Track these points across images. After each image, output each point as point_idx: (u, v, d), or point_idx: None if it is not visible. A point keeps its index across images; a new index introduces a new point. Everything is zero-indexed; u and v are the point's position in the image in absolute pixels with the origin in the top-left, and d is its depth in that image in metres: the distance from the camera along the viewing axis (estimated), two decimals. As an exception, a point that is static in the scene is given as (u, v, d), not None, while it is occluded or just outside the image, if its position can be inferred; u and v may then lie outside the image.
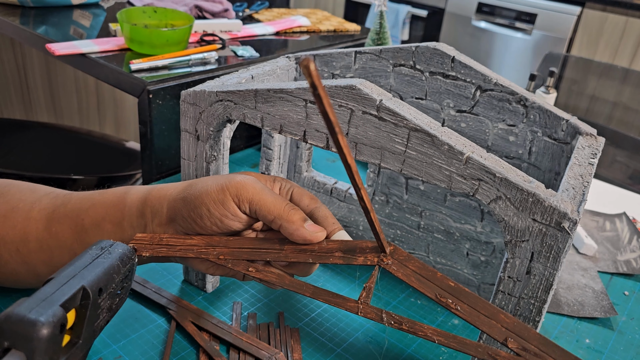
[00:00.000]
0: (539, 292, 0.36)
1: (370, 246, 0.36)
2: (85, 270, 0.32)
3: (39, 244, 0.42)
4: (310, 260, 0.37)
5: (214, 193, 0.37)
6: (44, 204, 0.43)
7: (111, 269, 0.33)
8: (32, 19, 0.94)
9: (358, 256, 0.36)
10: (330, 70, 0.55)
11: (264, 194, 0.38)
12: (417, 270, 0.35)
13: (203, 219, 0.38)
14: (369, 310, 0.34)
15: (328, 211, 0.40)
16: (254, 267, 0.38)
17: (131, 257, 0.36)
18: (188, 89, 0.46)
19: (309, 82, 0.22)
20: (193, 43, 0.88)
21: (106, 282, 0.33)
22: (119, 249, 0.36)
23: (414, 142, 0.37)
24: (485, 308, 0.33)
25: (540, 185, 0.35)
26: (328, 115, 0.23)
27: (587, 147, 0.42)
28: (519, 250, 0.36)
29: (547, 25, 2.33)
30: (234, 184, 0.38)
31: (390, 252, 0.36)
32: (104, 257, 0.34)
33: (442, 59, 0.49)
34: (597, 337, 0.53)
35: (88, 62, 0.78)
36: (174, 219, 0.39)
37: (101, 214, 0.41)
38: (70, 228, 0.41)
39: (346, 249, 0.37)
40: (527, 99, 0.47)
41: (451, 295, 0.33)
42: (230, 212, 0.38)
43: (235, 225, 0.38)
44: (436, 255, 0.57)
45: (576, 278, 0.61)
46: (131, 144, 1.37)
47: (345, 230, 0.62)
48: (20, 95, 1.64)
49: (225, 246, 0.38)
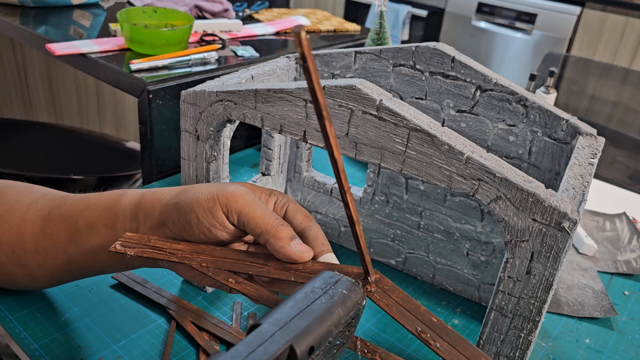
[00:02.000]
0: (539, 292, 0.36)
1: (355, 272, 0.35)
2: (298, 318, 0.26)
3: (35, 246, 0.42)
4: (292, 279, 0.36)
5: (204, 201, 0.37)
6: (40, 206, 0.43)
7: (330, 319, 0.27)
8: (32, 19, 0.94)
9: None
10: (330, 70, 0.55)
11: (253, 206, 0.37)
12: (400, 302, 0.33)
13: (192, 227, 0.37)
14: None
15: (320, 231, 0.39)
16: (235, 278, 0.37)
17: (358, 302, 0.30)
18: (188, 89, 0.46)
19: (298, 53, 0.21)
20: (193, 43, 0.88)
21: (321, 338, 0.26)
22: (344, 288, 0.29)
23: (414, 142, 0.37)
24: (466, 349, 0.31)
25: (540, 185, 0.35)
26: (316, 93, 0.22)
27: (587, 147, 0.42)
28: (519, 250, 0.36)
29: (547, 25, 2.33)
30: (225, 193, 0.37)
31: (375, 280, 0.34)
32: (325, 300, 0.28)
33: (442, 59, 0.49)
34: (597, 337, 0.53)
35: (88, 62, 0.78)
36: (165, 223, 0.39)
37: (95, 216, 0.41)
38: (64, 230, 0.41)
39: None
40: (527, 99, 0.47)
41: (432, 331, 0.32)
42: (219, 222, 0.37)
43: (222, 236, 0.38)
44: (436, 255, 0.57)
45: (576, 278, 0.61)
46: (131, 144, 1.37)
47: (345, 230, 0.62)
48: (20, 95, 1.64)
49: (210, 255, 0.38)
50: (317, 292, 0.28)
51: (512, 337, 0.38)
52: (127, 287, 0.52)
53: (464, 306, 0.55)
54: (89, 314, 0.48)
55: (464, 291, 0.56)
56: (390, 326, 0.51)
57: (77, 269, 0.43)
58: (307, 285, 0.29)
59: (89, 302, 0.50)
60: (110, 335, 0.47)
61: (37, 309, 0.48)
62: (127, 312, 0.49)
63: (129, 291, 0.52)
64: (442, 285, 0.57)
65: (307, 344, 0.25)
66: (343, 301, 0.28)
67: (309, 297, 0.27)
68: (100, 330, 0.47)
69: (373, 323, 0.52)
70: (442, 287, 0.57)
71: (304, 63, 0.21)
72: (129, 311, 0.49)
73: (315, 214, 0.64)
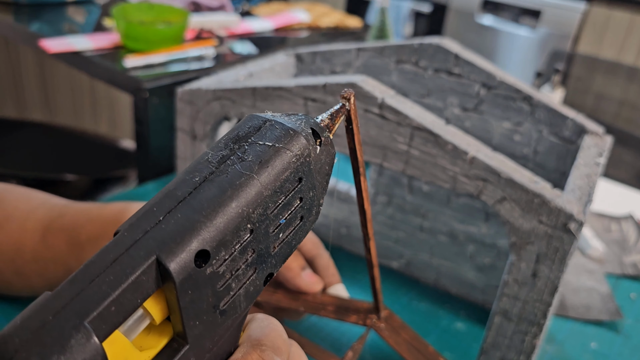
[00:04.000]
0: (544, 295, 0.35)
1: (365, 307, 0.35)
2: (176, 211, 0.16)
3: (34, 256, 0.41)
4: (301, 309, 0.36)
5: None
6: (40, 215, 0.42)
7: (236, 199, 0.17)
8: (26, 16, 0.93)
9: (351, 315, 0.35)
10: (331, 67, 0.54)
11: None
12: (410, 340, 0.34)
13: None
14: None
15: (330, 261, 0.38)
16: None
17: (302, 154, 0.19)
18: (184, 87, 0.45)
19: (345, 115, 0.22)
20: (190, 40, 0.87)
21: (222, 233, 0.16)
22: (269, 139, 0.18)
23: (417, 141, 0.36)
24: None
25: (546, 185, 0.34)
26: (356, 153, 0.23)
27: (594, 147, 0.41)
28: (524, 253, 0.34)
29: (552, 22, 2.31)
30: None
31: (385, 316, 0.35)
32: (231, 170, 0.17)
33: (446, 55, 0.48)
34: (603, 341, 0.52)
35: (82, 60, 0.77)
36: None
37: (98, 229, 0.40)
38: (65, 242, 0.40)
39: (340, 305, 0.36)
40: (532, 97, 0.45)
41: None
42: None
43: None
44: (439, 258, 0.55)
45: (582, 280, 0.60)
46: (126, 143, 1.36)
47: (346, 232, 0.61)
48: (14, 93, 1.63)
49: None
50: (217, 159, 0.17)
51: (516, 341, 0.37)
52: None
53: (467, 310, 0.54)
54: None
55: (468, 294, 0.55)
56: (392, 358, 0.50)
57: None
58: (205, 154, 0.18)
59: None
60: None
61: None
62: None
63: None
64: (446, 289, 0.56)
65: (188, 250, 0.15)
66: (265, 160, 0.17)
67: (202, 168, 0.17)
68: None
69: (373, 354, 0.50)
70: (446, 290, 0.56)
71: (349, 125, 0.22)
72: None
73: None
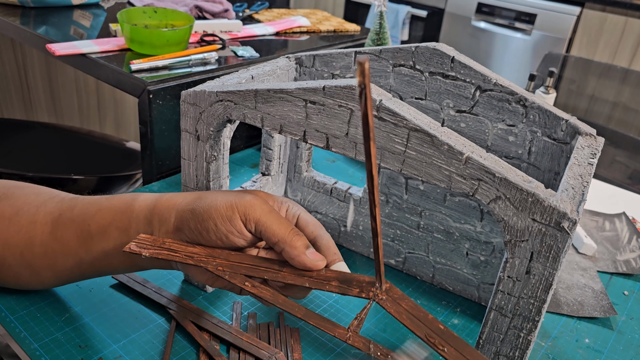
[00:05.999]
0: (539, 291, 0.36)
1: (367, 280, 0.37)
2: None
3: (44, 249, 0.42)
4: (307, 285, 0.38)
5: (223, 209, 0.38)
6: (49, 208, 0.43)
7: None
8: (33, 19, 0.95)
9: (354, 288, 0.37)
10: (330, 70, 0.55)
11: (271, 216, 0.39)
12: (410, 310, 0.36)
13: (209, 233, 0.39)
14: (357, 340, 0.35)
15: (331, 241, 0.41)
16: (250, 282, 0.38)
17: None
18: (188, 89, 0.46)
19: (359, 80, 0.22)
20: (193, 43, 0.89)
21: None
22: None
23: (413, 142, 0.37)
24: (472, 354, 0.34)
25: (539, 185, 0.35)
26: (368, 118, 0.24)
27: (587, 147, 0.42)
28: (518, 250, 0.36)
29: (547, 26, 2.33)
30: (243, 202, 0.39)
31: (386, 289, 0.37)
32: None
33: (442, 59, 0.49)
34: (596, 337, 0.53)
35: (88, 63, 0.78)
36: (181, 228, 0.40)
37: (108, 219, 0.41)
38: (75, 233, 0.41)
39: (343, 279, 0.38)
40: (526, 99, 0.47)
41: (440, 337, 0.34)
42: (237, 229, 0.38)
43: (239, 242, 0.39)
44: (436, 255, 0.57)
45: (576, 278, 0.61)
46: (131, 144, 1.37)
47: (345, 230, 0.62)
48: (21, 95, 1.65)
49: (226, 259, 0.39)
50: None
51: (511, 336, 0.38)
52: (127, 287, 0.52)
53: (463, 306, 0.55)
54: (89, 313, 0.49)
55: (464, 291, 0.56)
56: (390, 326, 0.51)
57: (87, 272, 0.43)
58: None
59: (89, 302, 0.50)
60: (110, 335, 0.47)
61: (37, 309, 0.48)
62: (127, 312, 0.49)
63: (129, 291, 0.52)
64: (442, 285, 0.57)
65: None
66: None
67: None
68: (100, 330, 0.47)
69: (373, 323, 0.52)
70: (442, 287, 0.58)
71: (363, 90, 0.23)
72: (129, 311, 0.50)
73: (315, 214, 0.64)
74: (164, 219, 0.40)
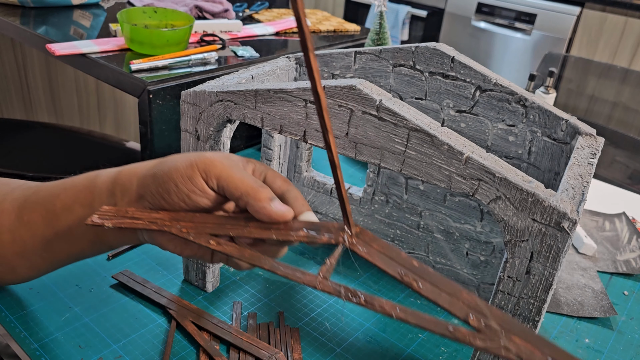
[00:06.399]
0: (539, 291, 0.36)
1: (336, 227, 0.35)
2: None
3: (12, 236, 0.41)
4: (274, 237, 0.36)
5: (183, 169, 0.37)
6: (16, 195, 0.43)
7: None
8: (33, 19, 0.95)
9: (322, 235, 0.35)
10: (330, 70, 0.55)
11: (232, 170, 0.37)
12: (382, 250, 0.34)
13: (171, 195, 0.37)
14: (327, 284, 0.33)
15: (299, 193, 0.39)
16: (216, 240, 0.37)
17: None
18: (188, 89, 0.46)
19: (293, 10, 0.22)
20: (193, 43, 0.89)
21: None
22: None
23: (413, 142, 0.37)
24: (448, 286, 0.32)
25: (539, 185, 0.35)
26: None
27: (587, 147, 0.42)
28: (518, 250, 0.36)
29: (547, 26, 2.33)
30: (203, 159, 0.37)
31: (356, 232, 0.35)
32: None
33: (442, 59, 0.49)
34: (596, 337, 0.53)
35: (88, 63, 0.78)
36: (143, 195, 0.39)
37: (72, 197, 0.40)
38: (41, 215, 0.41)
39: (311, 228, 0.36)
40: (526, 99, 0.47)
41: (414, 274, 0.33)
42: (198, 187, 0.37)
43: (203, 202, 0.38)
44: (436, 255, 0.57)
45: (576, 278, 0.61)
46: (131, 144, 1.37)
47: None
48: (21, 95, 1.64)
49: (191, 221, 0.38)
50: None
51: (511, 336, 0.38)
52: (127, 287, 0.52)
53: (463, 306, 0.55)
54: (89, 314, 0.49)
55: (464, 291, 0.56)
56: (390, 326, 0.51)
57: (57, 255, 0.42)
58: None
59: (89, 302, 0.50)
60: (110, 335, 0.47)
61: (37, 309, 0.48)
62: (127, 312, 0.49)
63: (129, 291, 0.52)
64: (442, 285, 0.57)
65: None
66: None
67: None
68: (100, 330, 0.47)
69: (373, 323, 0.52)
70: (442, 287, 0.58)
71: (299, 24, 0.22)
72: (129, 311, 0.50)
73: (315, 214, 0.64)
74: (126, 188, 0.39)
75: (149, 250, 0.58)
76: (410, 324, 0.31)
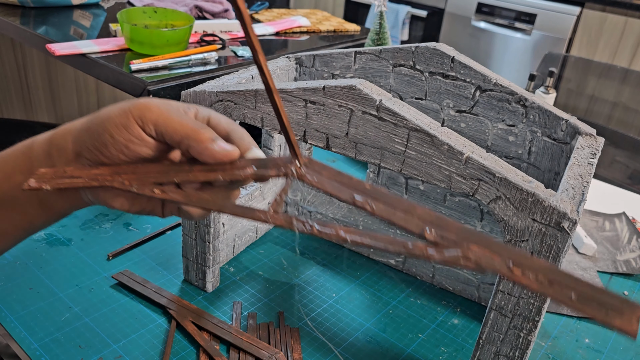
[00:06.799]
0: (539, 291, 0.36)
1: (284, 160, 0.34)
2: None
3: None
4: (220, 178, 0.34)
5: (117, 117, 0.35)
6: None
7: None
8: (33, 19, 0.95)
9: (270, 170, 0.34)
10: (330, 70, 0.55)
11: (170, 114, 0.35)
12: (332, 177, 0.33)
13: (108, 147, 0.35)
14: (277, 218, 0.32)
15: (245, 132, 0.37)
16: (160, 188, 0.35)
17: None
18: (188, 89, 0.46)
19: None
20: (193, 43, 0.89)
21: None
22: None
23: (413, 142, 0.37)
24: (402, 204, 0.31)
25: (539, 185, 0.35)
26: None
27: (587, 147, 0.42)
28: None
29: (547, 26, 2.33)
30: (137, 105, 0.35)
31: (305, 163, 0.34)
32: None
33: (442, 59, 0.49)
34: (596, 337, 0.53)
35: (88, 62, 0.78)
36: (80, 152, 0.37)
37: (11, 166, 0.39)
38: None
39: (259, 164, 0.35)
40: (526, 99, 0.47)
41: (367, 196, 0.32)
42: (135, 136, 0.35)
43: (143, 151, 0.36)
44: (436, 255, 0.57)
45: (576, 278, 0.61)
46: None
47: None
48: (21, 95, 1.65)
49: (133, 172, 0.36)
50: None
51: (511, 336, 0.38)
52: (127, 287, 0.52)
53: (463, 306, 0.55)
54: (89, 314, 0.49)
55: (464, 291, 0.56)
56: (390, 326, 0.51)
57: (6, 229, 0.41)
58: None
59: (89, 302, 0.50)
60: (110, 335, 0.47)
61: (37, 309, 0.48)
62: (127, 312, 0.49)
63: (129, 291, 0.52)
64: (442, 285, 0.57)
65: None
66: None
67: None
68: (100, 330, 0.47)
69: (373, 323, 0.52)
70: (442, 287, 0.58)
71: None
72: (129, 311, 0.50)
73: (315, 214, 0.64)
74: (62, 147, 0.37)
75: (149, 250, 0.58)
76: (367, 246, 0.30)
